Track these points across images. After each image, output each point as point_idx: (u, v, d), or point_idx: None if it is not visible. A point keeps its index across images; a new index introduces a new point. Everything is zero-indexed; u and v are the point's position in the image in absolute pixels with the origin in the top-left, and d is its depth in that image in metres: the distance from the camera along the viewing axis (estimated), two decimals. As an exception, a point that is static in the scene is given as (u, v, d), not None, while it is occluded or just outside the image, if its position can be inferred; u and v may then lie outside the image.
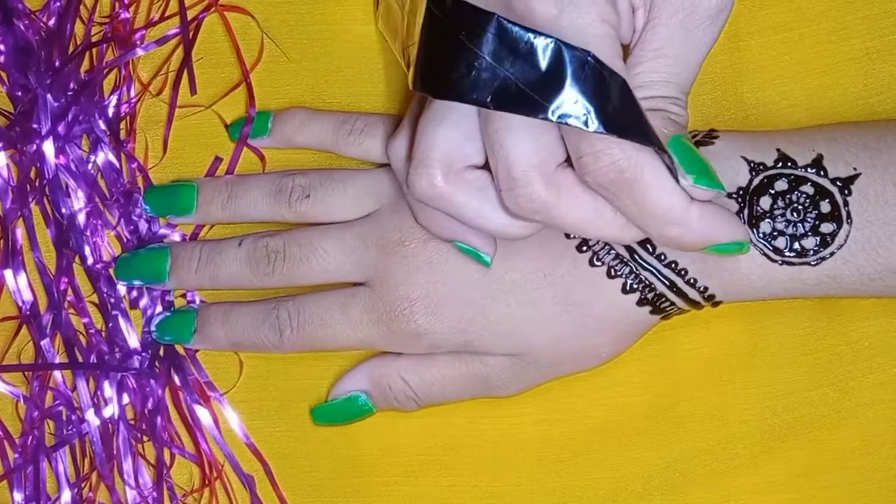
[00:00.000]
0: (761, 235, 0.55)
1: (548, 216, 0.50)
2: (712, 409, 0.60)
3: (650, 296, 0.56)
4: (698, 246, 0.51)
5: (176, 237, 0.62)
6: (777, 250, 0.55)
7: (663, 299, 0.56)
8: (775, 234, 0.55)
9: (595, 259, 0.56)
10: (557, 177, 0.50)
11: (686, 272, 0.55)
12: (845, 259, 0.55)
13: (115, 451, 0.60)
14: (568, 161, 0.50)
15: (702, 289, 0.56)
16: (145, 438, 0.60)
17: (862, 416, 0.60)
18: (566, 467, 0.60)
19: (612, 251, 0.56)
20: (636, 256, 0.55)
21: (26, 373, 0.61)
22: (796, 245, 0.55)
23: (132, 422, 0.60)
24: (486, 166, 0.52)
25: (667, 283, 0.56)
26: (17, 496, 0.59)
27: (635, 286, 0.56)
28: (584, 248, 0.56)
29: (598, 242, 0.56)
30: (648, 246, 0.55)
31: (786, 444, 0.60)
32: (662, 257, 0.55)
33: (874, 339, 0.60)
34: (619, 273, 0.56)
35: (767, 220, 0.55)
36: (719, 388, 0.60)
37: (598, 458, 0.60)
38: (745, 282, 0.55)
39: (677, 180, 0.49)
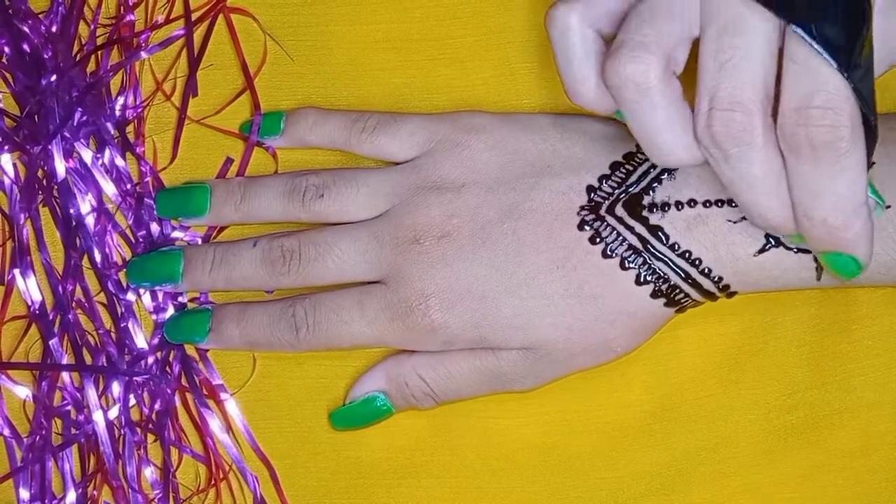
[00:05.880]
0: None
1: (740, 154, 0.48)
2: (715, 409, 0.60)
3: (664, 287, 0.56)
4: (840, 247, 0.49)
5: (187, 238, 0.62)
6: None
7: (677, 290, 0.56)
8: None
9: (608, 250, 0.56)
10: (770, 122, 0.48)
11: (700, 262, 0.55)
12: None
13: (120, 453, 0.60)
14: None
15: (716, 279, 0.56)
16: (152, 439, 0.60)
17: (864, 416, 0.60)
18: (570, 467, 0.60)
19: (625, 242, 0.56)
20: (649, 247, 0.55)
21: (34, 372, 0.60)
22: None
23: (140, 421, 0.60)
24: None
25: (681, 273, 0.56)
26: (24, 494, 0.59)
27: (649, 277, 0.56)
28: (597, 240, 0.56)
29: (610, 234, 0.56)
30: (661, 235, 0.55)
31: (787, 444, 0.60)
32: (676, 247, 0.55)
33: (876, 339, 0.60)
34: (632, 264, 0.56)
35: None
36: (722, 389, 0.60)
37: (602, 457, 0.60)
38: (760, 271, 0.55)
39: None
